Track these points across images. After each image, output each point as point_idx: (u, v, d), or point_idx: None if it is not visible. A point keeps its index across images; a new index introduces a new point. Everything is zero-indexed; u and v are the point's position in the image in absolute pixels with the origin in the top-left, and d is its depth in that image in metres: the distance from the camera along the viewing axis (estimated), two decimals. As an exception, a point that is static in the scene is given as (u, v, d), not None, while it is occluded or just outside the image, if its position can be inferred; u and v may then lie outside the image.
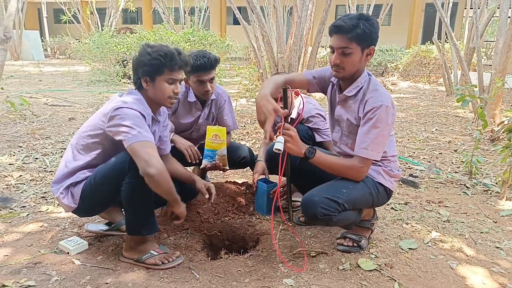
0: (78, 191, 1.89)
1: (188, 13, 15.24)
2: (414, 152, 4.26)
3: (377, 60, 12.25)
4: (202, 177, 2.92)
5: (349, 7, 10.86)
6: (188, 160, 2.51)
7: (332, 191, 1.87)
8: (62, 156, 2.05)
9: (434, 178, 3.41)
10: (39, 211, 2.55)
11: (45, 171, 3.30)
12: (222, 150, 2.48)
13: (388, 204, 2.76)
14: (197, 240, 2.22)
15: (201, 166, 2.53)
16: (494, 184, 3.23)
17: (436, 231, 2.39)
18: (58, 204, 2.60)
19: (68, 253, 2.01)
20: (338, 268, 1.94)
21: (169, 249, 2.07)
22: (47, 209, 2.57)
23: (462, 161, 3.72)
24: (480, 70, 5.50)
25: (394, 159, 2.04)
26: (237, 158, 2.65)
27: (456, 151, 4.30)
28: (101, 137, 1.86)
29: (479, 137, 3.29)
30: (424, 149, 4.38)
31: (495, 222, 2.57)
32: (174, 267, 1.93)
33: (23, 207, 2.60)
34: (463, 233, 2.38)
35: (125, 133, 1.72)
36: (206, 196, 2.17)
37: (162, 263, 1.92)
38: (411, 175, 3.45)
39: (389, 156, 2.00)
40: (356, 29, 1.76)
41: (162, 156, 2.19)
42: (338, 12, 18.19)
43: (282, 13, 6.81)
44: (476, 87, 4.54)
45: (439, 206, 2.80)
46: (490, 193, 3.08)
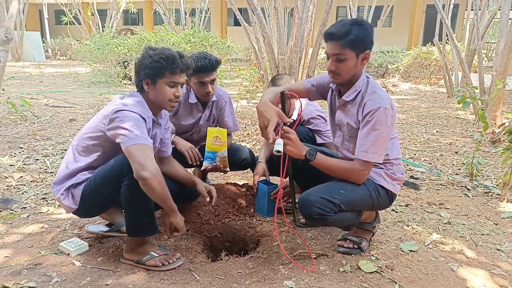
0: (79, 193, 1.89)
1: (189, 14, 15.26)
2: (415, 154, 4.26)
3: (378, 62, 12.26)
4: (203, 179, 2.92)
5: (350, 9, 10.87)
6: (189, 162, 2.51)
7: (330, 191, 1.87)
8: (63, 158, 2.05)
9: (435, 180, 3.41)
10: (40, 212, 2.55)
11: (46, 172, 3.30)
12: (223, 152, 2.48)
13: (389, 207, 2.76)
14: (198, 242, 2.22)
15: (202, 168, 2.54)
16: (495, 186, 3.23)
17: (437, 233, 2.39)
18: (59, 205, 2.60)
19: (69, 255, 2.01)
20: (339, 270, 1.93)
21: (170, 251, 2.07)
22: (48, 210, 2.58)
23: (463, 163, 3.72)
24: (481, 72, 5.50)
25: (398, 162, 2.02)
26: (238, 160, 2.64)
27: (457, 153, 4.30)
28: (102, 139, 1.86)
29: (480, 139, 3.28)
30: (425, 151, 4.38)
31: (496, 224, 2.56)
32: (175, 269, 1.93)
33: (24, 208, 2.60)
34: (464, 235, 2.38)
35: (123, 136, 1.72)
36: (207, 199, 2.17)
37: (163, 265, 1.92)
38: (412, 177, 3.44)
39: (392, 159, 1.98)
40: (349, 35, 1.77)
41: (164, 158, 2.20)
42: (339, 14, 18.20)
43: (283, 15, 6.79)
44: (477, 89, 4.53)
45: (440, 208, 2.80)
46: (491, 195, 3.08)
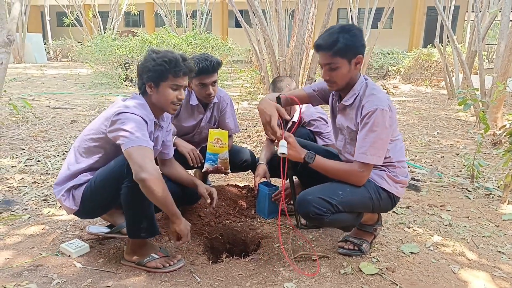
0: (79, 194, 1.90)
1: (190, 16, 15.28)
2: (416, 156, 4.26)
3: (379, 63, 12.26)
4: (204, 180, 2.92)
5: (351, 11, 10.88)
6: (190, 164, 2.51)
7: (328, 192, 1.87)
8: (64, 159, 2.05)
9: (436, 182, 3.41)
10: (41, 214, 2.55)
11: (47, 174, 3.31)
12: (224, 154, 2.48)
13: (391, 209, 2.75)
14: (198, 244, 2.22)
15: (203, 170, 2.54)
16: (496, 188, 3.22)
17: (438, 235, 2.39)
18: (60, 207, 2.60)
19: (70, 256, 2.01)
20: (340, 272, 1.93)
21: (170, 253, 2.07)
22: (49, 212, 2.58)
23: (464, 165, 3.72)
24: (482, 74, 5.50)
25: (401, 165, 2.00)
26: (239, 161, 2.65)
27: (458, 155, 4.29)
28: (103, 141, 1.87)
29: (481, 141, 3.28)
30: (426, 153, 4.37)
31: (497, 226, 2.56)
32: (175, 271, 1.93)
33: (25, 210, 2.61)
34: (465, 237, 2.38)
35: (124, 137, 1.72)
36: (208, 201, 2.17)
37: (163, 267, 1.92)
38: (413, 179, 3.44)
39: (395, 162, 1.97)
40: (338, 44, 1.79)
41: (166, 161, 2.20)
42: (340, 16, 18.20)
43: (284, 16, 6.80)
44: (478, 91, 4.53)
45: (441, 210, 2.79)
46: (492, 197, 3.07)
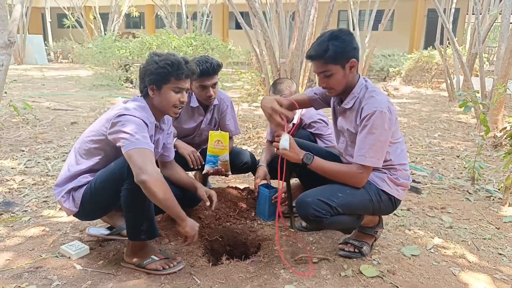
0: (79, 196, 1.89)
1: (191, 18, 15.31)
2: (417, 158, 4.25)
3: (379, 65, 12.26)
4: (204, 182, 2.92)
5: (352, 13, 10.90)
6: (191, 166, 2.51)
7: (328, 194, 1.86)
8: (64, 160, 2.05)
9: (437, 184, 3.41)
10: (41, 216, 2.55)
11: (47, 175, 3.31)
12: (225, 156, 2.47)
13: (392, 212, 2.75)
14: (198, 246, 2.22)
15: (204, 172, 2.53)
16: (497, 190, 3.22)
17: (439, 237, 2.38)
18: (60, 208, 2.60)
19: (70, 258, 2.01)
20: (340, 275, 1.93)
21: (170, 255, 2.06)
22: (49, 214, 2.58)
23: (465, 167, 3.71)
24: (483, 76, 5.50)
25: (403, 168, 2.00)
26: (239, 163, 2.64)
27: (459, 157, 4.29)
28: (104, 143, 1.86)
29: (482, 143, 3.28)
30: (427, 155, 4.37)
31: (498, 229, 2.56)
32: (175, 273, 1.92)
33: (25, 211, 2.61)
34: (466, 240, 2.37)
35: (124, 139, 1.71)
36: (207, 204, 2.17)
37: (163, 269, 1.91)
38: (414, 181, 3.43)
39: (396, 164, 1.96)
40: (328, 52, 1.81)
41: (166, 163, 2.20)
42: (341, 17, 18.20)
43: (285, 18, 6.80)
44: (478, 93, 4.52)
45: (442, 212, 2.79)
46: (493, 199, 3.07)
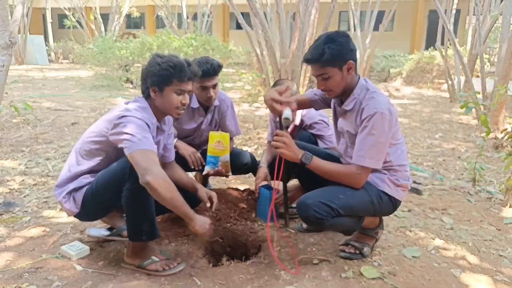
0: (80, 196, 1.89)
1: (191, 18, 15.32)
2: (418, 159, 4.25)
3: (380, 66, 12.25)
4: (204, 183, 2.92)
5: (353, 14, 10.90)
6: (191, 166, 2.51)
7: (328, 196, 1.86)
8: (65, 161, 2.05)
9: (438, 185, 3.40)
10: (41, 216, 2.55)
11: (48, 176, 3.31)
12: (225, 157, 2.47)
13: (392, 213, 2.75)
14: (199, 247, 2.21)
15: (204, 173, 2.53)
16: (498, 192, 3.21)
17: (440, 239, 2.38)
18: (60, 209, 2.60)
19: (70, 258, 2.01)
20: (341, 276, 1.92)
21: (171, 256, 2.06)
22: (49, 214, 2.57)
23: (466, 168, 3.71)
24: (483, 77, 5.49)
25: (403, 169, 1.99)
26: (240, 164, 2.64)
27: (460, 158, 4.29)
28: (105, 144, 1.86)
29: (483, 144, 3.28)
30: (428, 156, 4.36)
31: (499, 230, 2.55)
32: (176, 274, 1.92)
33: (26, 212, 2.60)
34: (467, 241, 2.37)
35: (127, 141, 1.71)
36: (208, 205, 2.17)
37: (164, 270, 1.91)
38: (415, 182, 3.43)
39: (396, 166, 1.96)
40: (324, 56, 1.81)
41: (166, 164, 2.20)
42: (342, 18, 18.20)
43: (285, 18, 6.80)
44: (479, 94, 4.53)
45: (443, 214, 2.78)
46: (494, 201, 3.07)
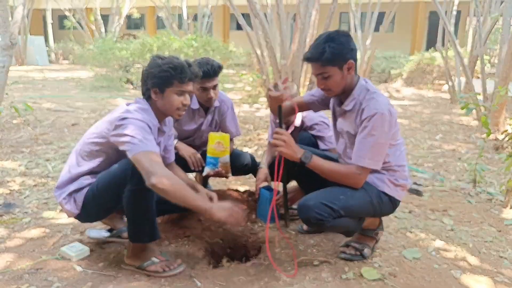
0: (81, 197, 1.89)
1: (192, 19, 15.33)
2: (418, 160, 4.25)
3: (381, 67, 12.24)
4: (204, 184, 2.92)
5: (353, 15, 10.91)
6: (191, 167, 2.51)
7: (329, 197, 1.86)
8: (65, 162, 2.05)
9: (438, 186, 3.40)
10: (41, 217, 2.54)
11: (48, 177, 3.31)
12: (225, 158, 2.47)
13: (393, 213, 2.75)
14: (199, 248, 2.21)
15: (204, 173, 2.53)
16: (498, 193, 3.21)
17: (440, 240, 2.38)
18: (60, 210, 2.60)
19: (70, 259, 2.00)
20: (341, 277, 1.92)
21: (171, 257, 2.06)
22: (49, 215, 2.57)
23: (466, 169, 3.71)
24: (484, 78, 5.49)
25: (401, 169, 2.00)
26: (240, 165, 2.64)
27: (460, 159, 4.29)
28: (106, 145, 1.86)
29: (483, 145, 3.28)
30: (428, 157, 4.36)
31: (499, 231, 2.55)
32: (176, 275, 1.91)
33: (26, 213, 2.60)
34: (467, 242, 2.37)
35: (128, 143, 1.70)
36: None
37: (164, 271, 1.91)
38: (415, 183, 3.43)
39: (394, 166, 1.97)
40: (325, 55, 1.81)
41: (167, 165, 2.19)
42: (342, 19, 18.21)
43: (286, 20, 6.80)
44: (480, 95, 4.52)
45: (443, 215, 2.78)
46: (494, 202, 3.07)
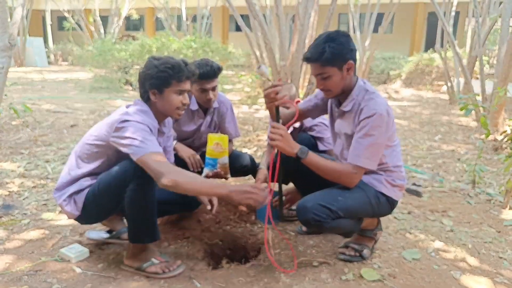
0: (81, 199, 1.89)
1: (191, 20, 15.33)
2: (417, 161, 4.25)
3: (380, 68, 12.26)
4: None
5: (352, 16, 10.92)
6: (190, 169, 2.50)
7: (327, 198, 1.86)
8: (64, 163, 2.04)
9: (437, 187, 3.40)
10: (41, 218, 2.54)
11: (47, 178, 3.30)
12: (224, 159, 2.46)
13: (391, 213, 2.74)
14: (198, 249, 2.21)
15: (203, 175, 2.53)
16: (498, 194, 3.22)
17: (440, 241, 2.38)
18: (60, 211, 2.59)
19: (69, 261, 2.00)
20: (341, 278, 1.92)
21: (170, 258, 2.06)
22: (49, 216, 2.57)
23: (465, 170, 3.71)
24: (483, 79, 5.50)
25: (398, 170, 2.01)
26: (239, 166, 2.64)
27: (459, 160, 4.29)
28: (106, 147, 1.85)
29: (482, 146, 3.28)
30: (427, 158, 4.37)
31: (499, 232, 2.55)
32: (175, 276, 1.91)
33: (25, 214, 2.60)
34: (466, 243, 2.37)
35: (131, 146, 1.70)
36: (208, 207, 2.17)
37: (163, 272, 1.91)
38: (414, 184, 3.43)
39: (391, 167, 1.98)
40: (324, 55, 1.81)
41: None
42: (341, 20, 18.22)
43: (285, 21, 6.81)
44: (479, 96, 4.53)
45: (442, 216, 2.78)
46: (493, 203, 3.07)
